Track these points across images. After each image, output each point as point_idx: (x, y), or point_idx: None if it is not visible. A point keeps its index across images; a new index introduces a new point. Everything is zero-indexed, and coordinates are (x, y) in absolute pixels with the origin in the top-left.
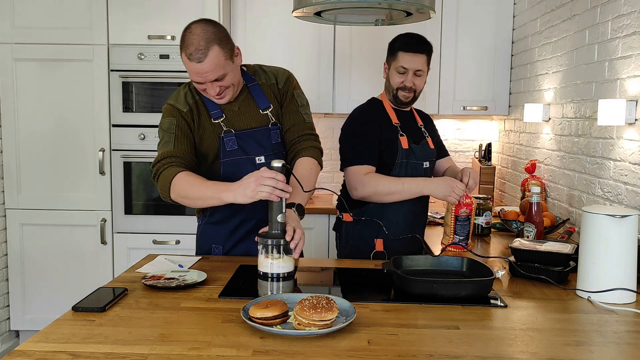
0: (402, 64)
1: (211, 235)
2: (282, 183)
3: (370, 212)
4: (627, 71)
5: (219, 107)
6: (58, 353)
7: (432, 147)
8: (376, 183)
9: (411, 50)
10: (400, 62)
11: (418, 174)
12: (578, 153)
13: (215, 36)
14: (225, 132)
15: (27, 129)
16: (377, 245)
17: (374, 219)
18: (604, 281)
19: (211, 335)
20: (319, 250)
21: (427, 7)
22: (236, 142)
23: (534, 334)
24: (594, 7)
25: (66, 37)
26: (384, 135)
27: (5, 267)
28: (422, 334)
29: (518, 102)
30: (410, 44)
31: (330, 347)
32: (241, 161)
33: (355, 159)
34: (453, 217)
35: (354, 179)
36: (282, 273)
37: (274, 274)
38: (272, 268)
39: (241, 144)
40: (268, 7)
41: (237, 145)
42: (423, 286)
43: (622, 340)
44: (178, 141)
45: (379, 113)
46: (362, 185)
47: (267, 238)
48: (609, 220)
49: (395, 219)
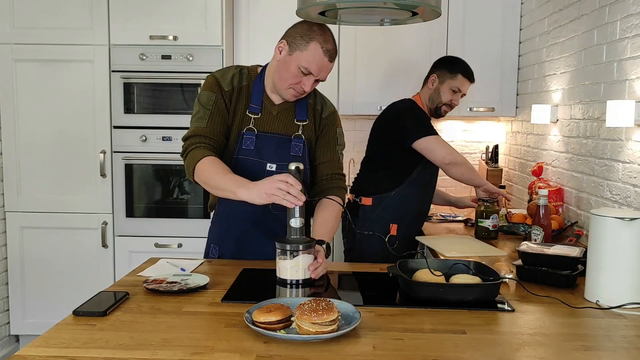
0: (459, 85)
1: (212, 235)
2: (296, 190)
3: (391, 199)
4: (636, 72)
5: (260, 105)
6: (58, 358)
7: None
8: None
9: (470, 78)
10: (457, 84)
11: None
12: (586, 155)
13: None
14: (248, 130)
15: (27, 131)
16: (392, 230)
17: (376, 233)
18: (612, 285)
19: (214, 340)
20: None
21: (433, 7)
22: (254, 142)
23: (542, 338)
24: (603, 6)
25: (67, 37)
26: None
27: (5, 271)
28: (428, 339)
29: (525, 103)
30: (470, 72)
31: (334, 352)
32: (252, 163)
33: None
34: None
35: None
36: (296, 280)
37: (293, 280)
38: (285, 273)
39: (258, 147)
40: (271, 7)
41: (254, 146)
42: (429, 290)
43: (631, 345)
44: (212, 119)
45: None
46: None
47: (284, 243)
48: (618, 223)
49: (409, 204)
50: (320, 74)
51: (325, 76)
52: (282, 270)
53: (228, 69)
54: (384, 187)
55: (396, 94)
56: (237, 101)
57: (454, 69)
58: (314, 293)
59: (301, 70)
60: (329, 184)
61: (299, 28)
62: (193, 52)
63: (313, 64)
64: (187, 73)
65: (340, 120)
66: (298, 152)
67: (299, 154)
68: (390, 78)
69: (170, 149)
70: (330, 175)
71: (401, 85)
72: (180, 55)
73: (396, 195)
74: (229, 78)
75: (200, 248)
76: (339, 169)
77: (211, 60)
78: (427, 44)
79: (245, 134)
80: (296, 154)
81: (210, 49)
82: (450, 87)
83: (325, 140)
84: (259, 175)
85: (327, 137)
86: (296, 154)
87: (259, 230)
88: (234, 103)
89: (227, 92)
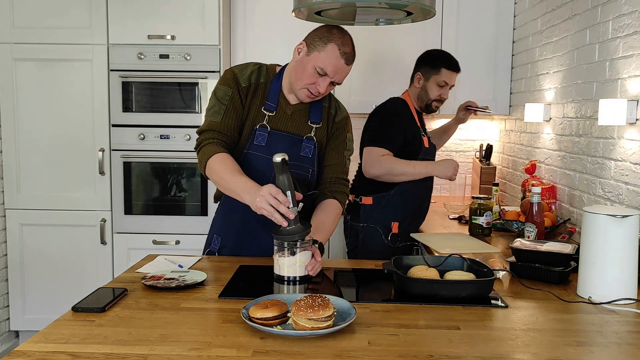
0: (445, 79)
1: (216, 225)
2: (285, 208)
3: (390, 197)
4: (627, 71)
5: (276, 103)
6: (58, 353)
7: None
8: (391, 164)
9: (454, 69)
10: (443, 78)
11: None
12: (579, 153)
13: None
14: (261, 126)
15: (27, 129)
16: (393, 228)
17: (376, 227)
18: (604, 281)
19: (211, 336)
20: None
21: (427, 7)
22: (266, 139)
23: (535, 334)
24: (595, 6)
25: (66, 37)
26: (408, 132)
27: (5, 268)
28: (423, 335)
29: (519, 101)
30: (453, 63)
31: (330, 348)
32: (261, 159)
33: (378, 141)
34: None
35: (372, 158)
36: (294, 277)
37: (290, 277)
38: (283, 270)
39: (269, 143)
40: (268, 7)
41: (265, 143)
42: (423, 286)
43: (623, 340)
44: (227, 115)
45: (407, 112)
46: (378, 164)
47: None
48: (610, 221)
49: (409, 202)
50: (336, 76)
51: (341, 79)
52: (280, 267)
53: (247, 65)
54: (383, 186)
55: (391, 92)
56: (252, 97)
57: (436, 65)
58: (310, 289)
59: (317, 70)
60: (331, 187)
61: (318, 30)
62: (190, 51)
63: (329, 65)
64: (185, 72)
65: (352, 127)
66: (308, 153)
67: (308, 155)
68: (386, 77)
69: (168, 147)
70: (335, 179)
71: (396, 84)
72: (178, 54)
73: (396, 194)
74: (248, 74)
75: (197, 245)
76: (343, 173)
77: (208, 59)
78: (422, 42)
79: (258, 129)
80: (306, 154)
81: (207, 48)
82: (437, 83)
83: (334, 143)
84: (266, 172)
85: (336, 141)
86: (306, 155)
87: (262, 224)
88: (249, 99)
89: (244, 88)
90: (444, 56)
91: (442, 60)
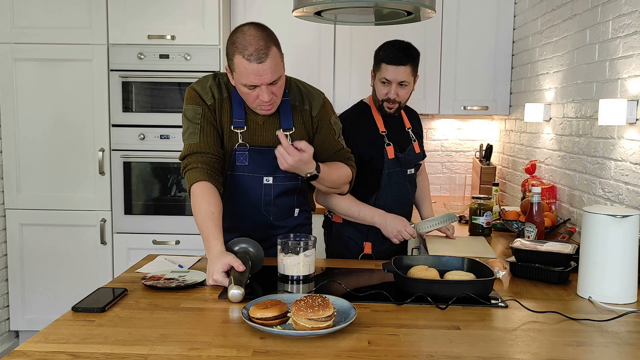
0: (386, 75)
1: None
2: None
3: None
4: (627, 71)
5: (244, 117)
6: (58, 353)
7: (417, 151)
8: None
9: (394, 62)
10: (383, 74)
11: (403, 181)
12: (579, 153)
13: (271, 37)
14: (240, 146)
15: (27, 129)
16: (365, 248)
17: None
18: (604, 281)
19: (211, 336)
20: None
21: (427, 7)
22: (247, 158)
23: (535, 334)
24: (595, 6)
25: (66, 37)
26: (363, 147)
27: (5, 268)
28: (423, 335)
29: (519, 101)
30: (393, 56)
31: (330, 348)
32: (248, 178)
33: None
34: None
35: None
36: (297, 276)
37: (294, 277)
38: (287, 269)
39: (252, 162)
40: (268, 6)
41: (248, 162)
42: (423, 286)
43: (623, 340)
44: (203, 133)
45: (366, 121)
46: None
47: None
48: (610, 221)
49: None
50: (263, 79)
51: (272, 78)
52: (284, 266)
53: (205, 80)
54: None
55: None
56: (221, 114)
57: (376, 59)
58: (311, 289)
59: (246, 87)
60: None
61: (227, 46)
62: (190, 51)
63: (247, 77)
64: (185, 72)
65: (332, 105)
66: None
67: None
68: None
69: (168, 147)
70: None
71: None
72: (178, 54)
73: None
74: (209, 91)
75: (197, 245)
76: (346, 153)
77: (208, 59)
78: (422, 42)
79: (237, 150)
80: None
81: (207, 48)
82: (380, 80)
83: (323, 135)
84: (257, 190)
85: (324, 133)
86: None
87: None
88: (219, 116)
89: (211, 106)
90: (385, 48)
91: (381, 52)
